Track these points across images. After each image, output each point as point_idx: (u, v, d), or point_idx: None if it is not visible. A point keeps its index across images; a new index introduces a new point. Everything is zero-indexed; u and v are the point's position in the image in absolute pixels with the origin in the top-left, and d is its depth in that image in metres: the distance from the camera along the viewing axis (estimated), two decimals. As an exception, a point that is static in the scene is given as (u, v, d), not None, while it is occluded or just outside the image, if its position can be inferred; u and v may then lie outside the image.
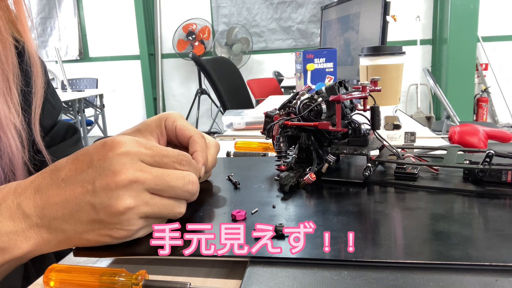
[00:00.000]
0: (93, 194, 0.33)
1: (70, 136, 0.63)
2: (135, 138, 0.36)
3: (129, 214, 0.33)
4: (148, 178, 0.34)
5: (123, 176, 0.33)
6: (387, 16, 1.26)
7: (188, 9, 5.14)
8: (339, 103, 0.47)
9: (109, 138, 0.35)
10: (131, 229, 0.34)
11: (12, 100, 0.46)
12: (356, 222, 0.38)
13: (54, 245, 0.35)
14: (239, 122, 1.08)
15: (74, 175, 0.34)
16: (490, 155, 0.45)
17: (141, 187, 0.34)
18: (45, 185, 0.34)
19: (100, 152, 0.34)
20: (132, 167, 0.33)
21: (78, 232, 0.34)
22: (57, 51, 3.89)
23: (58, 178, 0.34)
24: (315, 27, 4.98)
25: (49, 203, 0.33)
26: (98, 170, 0.33)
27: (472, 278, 0.29)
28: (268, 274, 0.31)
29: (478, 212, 0.40)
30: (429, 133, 0.93)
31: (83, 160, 0.34)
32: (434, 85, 3.11)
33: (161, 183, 0.35)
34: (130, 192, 0.33)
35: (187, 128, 0.47)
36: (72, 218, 0.33)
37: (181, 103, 5.47)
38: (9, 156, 0.45)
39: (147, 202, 0.34)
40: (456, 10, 4.30)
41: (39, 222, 0.33)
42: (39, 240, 0.34)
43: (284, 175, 0.47)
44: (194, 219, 0.42)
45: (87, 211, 0.33)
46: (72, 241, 0.34)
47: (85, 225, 0.33)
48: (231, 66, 2.55)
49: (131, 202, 0.33)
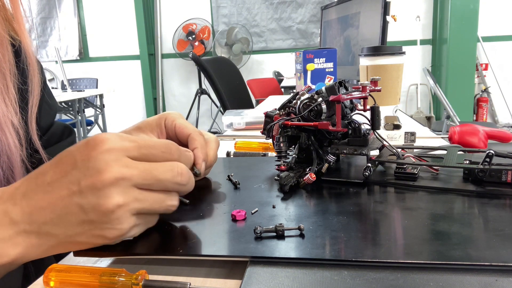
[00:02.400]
0: (80, 195, 0.32)
1: (66, 137, 0.64)
2: (119, 133, 0.35)
3: (119, 212, 0.32)
4: (135, 173, 0.33)
5: (108, 174, 0.32)
6: (387, 16, 1.26)
7: (188, 9, 5.14)
8: (339, 103, 0.47)
9: (92, 137, 0.34)
10: (123, 228, 0.33)
11: (9, 98, 0.46)
12: (356, 222, 0.38)
13: (45, 250, 0.34)
14: (239, 122, 1.08)
15: (59, 178, 0.33)
16: (490, 155, 0.45)
17: (129, 183, 0.33)
18: (31, 190, 0.33)
19: (83, 152, 0.33)
20: (116, 164, 0.32)
21: (69, 235, 0.33)
22: (57, 51, 3.89)
23: (43, 183, 0.33)
24: (315, 27, 4.98)
25: (36, 208, 0.33)
26: (82, 170, 0.32)
27: (472, 278, 0.29)
28: (268, 274, 0.31)
29: (478, 212, 0.40)
30: (429, 133, 0.93)
31: (67, 162, 0.33)
32: (434, 85, 3.11)
33: (149, 177, 0.34)
34: (117, 190, 0.32)
35: (186, 126, 0.48)
36: (61, 221, 0.32)
37: (181, 103, 5.47)
38: (7, 154, 0.45)
39: (137, 198, 0.33)
40: (456, 10, 4.30)
41: (28, 228, 0.33)
42: (27, 246, 0.33)
43: (284, 175, 0.47)
44: (194, 219, 0.42)
45: (76, 213, 0.32)
46: (64, 245, 0.34)
47: (76, 227, 0.33)
48: (231, 66, 2.54)
49: (120, 200, 0.32)
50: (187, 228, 0.39)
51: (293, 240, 0.35)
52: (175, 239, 0.37)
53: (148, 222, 0.37)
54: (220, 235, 0.37)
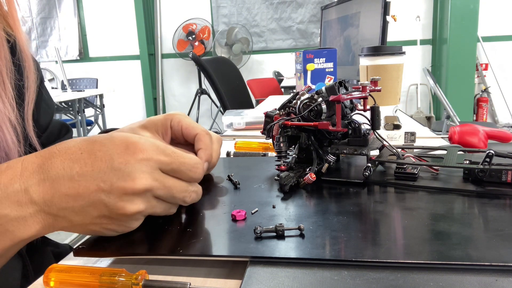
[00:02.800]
0: (108, 194, 0.34)
1: (63, 135, 0.65)
2: (156, 142, 0.37)
3: (137, 216, 0.36)
4: (160, 188, 0.36)
5: (140, 184, 0.34)
6: (387, 16, 1.26)
7: (188, 9, 5.14)
8: (339, 103, 0.47)
9: (132, 141, 0.36)
10: (134, 227, 0.37)
11: (6, 94, 0.46)
12: (356, 222, 0.38)
13: (57, 229, 0.36)
14: (239, 122, 1.08)
15: (91, 172, 0.34)
16: (490, 155, 0.45)
17: (151, 194, 0.36)
18: (56, 175, 0.34)
19: (121, 155, 0.35)
20: (150, 176, 0.35)
21: (85, 223, 0.35)
22: (57, 51, 3.89)
23: (72, 170, 0.34)
24: (315, 27, 4.98)
25: (60, 194, 0.34)
26: (118, 173, 0.34)
27: (472, 278, 0.29)
28: (268, 274, 0.31)
29: (478, 212, 0.40)
30: (429, 133, 0.93)
31: (102, 158, 0.34)
32: (434, 85, 3.11)
33: (168, 193, 0.37)
34: (142, 199, 0.35)
35: (193, 126, 0.49)
36: (82, 211, 0.34)
37: (181, 103, 5.47)
38: (5, 150, 0.45)
39: (152, 206, 0.37)
40: (456, 10, 4.30)
41: (46, 209, 0.34)
42: (44, 224, 0.34)
43: (284, 175, 0.47)
44: (194, 219, 0.42)
45: (99, 208, 0.34)
46: (75, 229, 0.36)
47: (94, 218, 0.35)
48: (231, 66, 2.54)
49: (141, 207, 0.35)
50: (187, 228, 0.39)
51: (293, 240, 0.35)
52: (175, 239, 0.37)
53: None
54: (220, 235, 0.37)
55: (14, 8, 0.49)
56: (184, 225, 0.40)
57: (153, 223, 0.40)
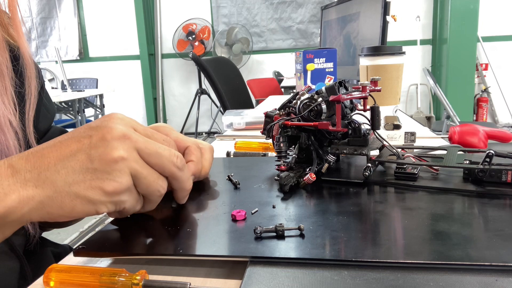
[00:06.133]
0: (89, 146, 0.35)
1: None
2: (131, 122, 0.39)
3: (121, 165, 0.35)
4: (139, 139, 0.37)
5: (118, 129, 0.36)
6: (387, 16, 1.26)
7: (188, 9, 5.14)
8: (339, 103, 0.47)
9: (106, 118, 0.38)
10: (121, 182, 0.35)
11: (8, 99, 0.47)
12: (356, 222, 0.38)
13: (38, 203, 0.34)
14: (239, 122, 1.08)
15: (71, 135, 0.36)
16: (490, 155, 0.45)
17: (132, 145, 0.36)
18: (41, 148, 0.36)
19: (97, 121, 0.37)
20: (125, 126, 0.37)
21: (68, 183, 0.34)
22: (57, 51, 3.89)
23: (55, 141, 0.37)
24: (315, 27, 4.98)
25: (42, 157, 0.35)
26: (95, 128, 0.36)
27: (472, 278, 0.29)
28: (268, 274, 0.31)
29: (478, 212, 0.40)
30: (429, 133, 0.93)
31: (82, 127, 0.37)
32: (434, 85, 3.11)
33: (150, 147, 0.37)
34: (123, 145, 0.35)
35: (183, 139, 0.49)
36: (64, 167, 0.34)
37: (181, 103, 5.47)
38: (7, 154, 0.46)
39: (137, 160, 0.36)
40: (456, 10, 4.30)
41: (27, 176, 0.34)
42: (23, 195, 0.33)
43: (284, 175, 0.47)
44: (194, 219, 0.42)
45: (82, 160, 0.35)
46: (57, 198, 0.34)
47: (77, 174, 0.34)
48: (231, 66, 2.54)
49: (123, 153, 0.35)
50: (187, 228, 0.39)
51: (293, 240, 0.35)
52: (175, 239, 0.37)
53: (137, 202, 0.38)
54: (220, 235, 0.37)
55: (17, 17, 0.50)
56: (184, 225, 0.40)
57: (153, 223, 0.40)
